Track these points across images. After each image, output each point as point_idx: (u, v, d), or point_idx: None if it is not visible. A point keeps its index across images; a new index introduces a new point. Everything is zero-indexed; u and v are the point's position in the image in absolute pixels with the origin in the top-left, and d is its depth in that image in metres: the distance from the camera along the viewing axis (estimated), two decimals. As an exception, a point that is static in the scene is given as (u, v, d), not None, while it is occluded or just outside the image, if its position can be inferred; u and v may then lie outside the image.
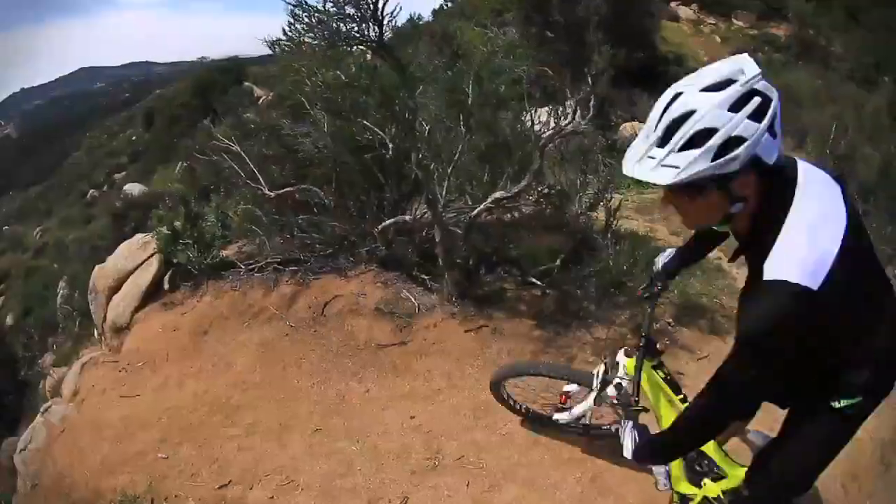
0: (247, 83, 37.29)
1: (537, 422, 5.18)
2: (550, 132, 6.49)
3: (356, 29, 5.90)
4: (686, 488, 3.68)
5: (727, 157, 2.16)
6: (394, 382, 6.18)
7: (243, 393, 6.26)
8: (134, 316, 8.16)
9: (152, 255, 8.47)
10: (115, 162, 55.05)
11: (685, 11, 30.28)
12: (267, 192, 7.75)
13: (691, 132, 2.19)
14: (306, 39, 6.03)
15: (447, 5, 28.99)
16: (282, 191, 7.76)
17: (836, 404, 2.62)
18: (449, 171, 6.84)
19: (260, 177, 7.83)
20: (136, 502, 5.28)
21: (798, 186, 2.34)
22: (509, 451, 5.17)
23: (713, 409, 2.57)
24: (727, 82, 2.19)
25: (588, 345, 6.31)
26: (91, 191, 48.27)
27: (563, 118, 6.60)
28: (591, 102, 6.48)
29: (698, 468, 3.66)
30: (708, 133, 2.16)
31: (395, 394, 6.03)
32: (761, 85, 2.19)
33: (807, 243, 2.22)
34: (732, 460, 3.57)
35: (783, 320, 2.20)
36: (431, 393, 5.97)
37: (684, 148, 2.20)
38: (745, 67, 2.21)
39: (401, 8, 5.98)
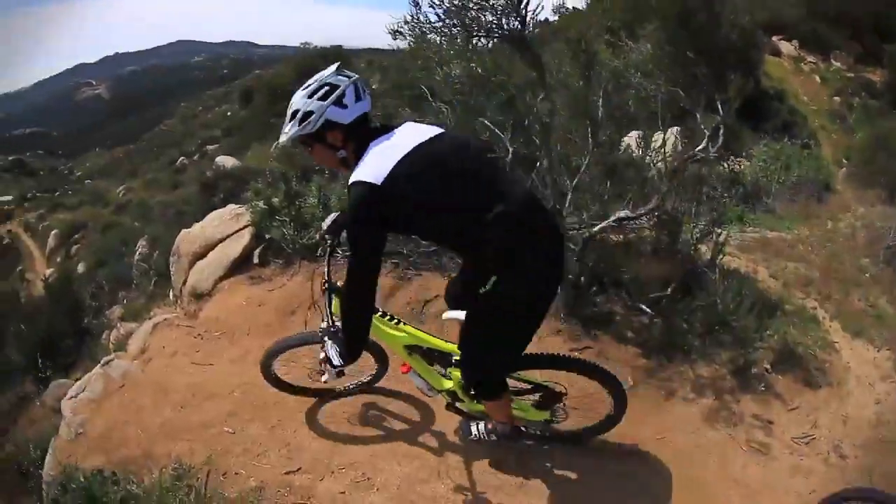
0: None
1: (322, 394, 5.66)
2: (683, 157, 6.38)
3: (495, 21, 5.83)
4: (444, 383, 4.75)
5: (304, 123, 3.61)
6: None
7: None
8: (217, 285, 8.15)
9: (245, 227, 8.47)
10: (208, 134, 56.30)
11: (786, 47, 29.33)
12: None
13: (289, 113, 3.67)
14: (439, 27, 6.15)
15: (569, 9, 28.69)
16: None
17: (483, 289, 3.66)
18: (573, 183, 6.63)
19: None
20: (191, 472, 5.19)
21: (387, 134, 3.63)
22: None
23: (358, 269, 3.64)
24: (316, 82, 3.64)
25: (688, 381, 6.11)
26: (181, 158, 49.19)
27: (692, 143, 6.60)
28: (721, 131, 6.37)
29: (437, 367, 4.73)
30: (294, 112, 3.63)
31: None
32: (333, 79, 3.62)
33: (372, 160, 3.49)
34: (445, 340, 4.63)
35: (359, 201, 3.46)
36: None
37: (288, 122, 3.67)
38: (326, 71, 3.67)
39: (542, 6, 5.86)
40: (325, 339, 4.21)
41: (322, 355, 4.27)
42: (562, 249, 3.82)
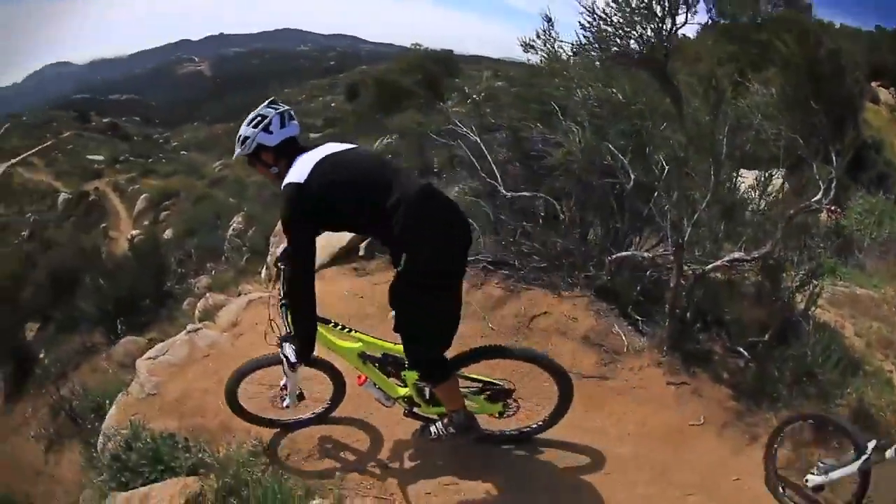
0: (457, 79, 37.62)
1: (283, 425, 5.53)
2: (798, 205, 6.31)
3: (639, 50, 5.93)
4: (400, 391, 4.98)
5: (243, 146, 4.38)
6: (585, 415, 5.84)
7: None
8: (319, 271, 7.87)
9: None
10: (309, 122, 57.05)
11: (885, 94, 28.15)
12: (503, 191, 7.63)
13: (236, 138, 4.44)
14: (576, 48, 6.39)
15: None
16: (518, 194, 7.63)
17: (399, 269, 4.17)
18: (693, 219, 6.52)
19: (498, 174, 7.75)
20: (266, 453, 5.25)
21: (311, 151, 4.31)
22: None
23: (296, 256, 4.28)
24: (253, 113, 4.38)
25: (772, 428, 5.77)
26: None
27: (804, 191, 6.60)
28: (833, 182, 6.22)
29: (391, 370, 4.92)
30: (238, 137, 4.40)
31: (586, 427, 5.73)
32: (264, 111, 4.35)
33: (297, 167, 4.18)
34: (392, 342, 4.84)
35: (289, 197, 4.12)
36: (621, 435, 5.77)
37: (236, 145, 4.45)
38: (262, 105, 4.42)
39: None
40: (283, 343, 4.66)
41: (283, 381, 4.93)
42: (460, 226, 4.31)
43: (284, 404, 4.95)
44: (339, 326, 4.94)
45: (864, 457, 4.22)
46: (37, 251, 40.91)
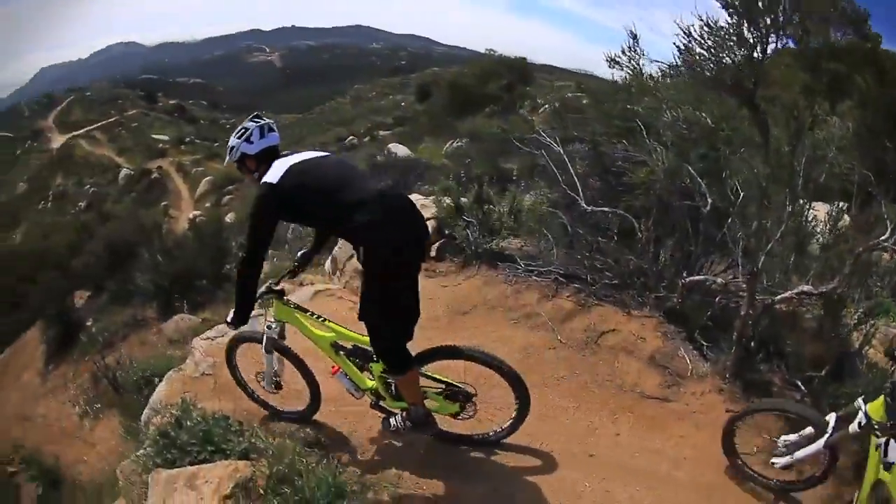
0: (530, 87, 37.47)
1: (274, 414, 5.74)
2: (869, 243, 6.22)
3: (731, 79, 6.12)
4: (368, 382, 5.23)
5: (230, 154, 4.99)
6: (645, 435, 5.94)
7: (490, 387, 5.75)
8: None
9: (428, 219, 8.31)
10: (378, 119, 57.44)
11: None
12: (583, 204, 7.60)
13: (226, 147, 5.06)
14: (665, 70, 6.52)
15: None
16: (598, 208, 7.62)
17: (360, 262, 4.58)
18: (766, 248, 6.49)
19: (579, 186, 7.72)
20: (321, 443, 5.33)
21: (286, 157, 4.83)
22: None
23: (251, 242, 4.78)
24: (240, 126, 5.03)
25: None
26: (350, 137, 50.02)
27: (872, 229, 6.51)
28: None
29: (360, 361, 5.19)
30: (227, 147, 5.03)
31: (644, 447, 5.79)
32: (247, 123, 4.94)
33: (273, 169, 4.66)
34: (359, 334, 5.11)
35: (262, 193, 4.63)
36: (678, 459, 5.73)
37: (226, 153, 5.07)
38: (246, 119, 5.04)
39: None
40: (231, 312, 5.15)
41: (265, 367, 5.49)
42: (415, 224, 4.67)
43: (263, 384, 5.55)
44: (316, 316, 5.32)
45: (828, 434, 4.46)
46: (94, 222, 41.74)
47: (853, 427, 4.27)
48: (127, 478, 5.40)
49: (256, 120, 4.98)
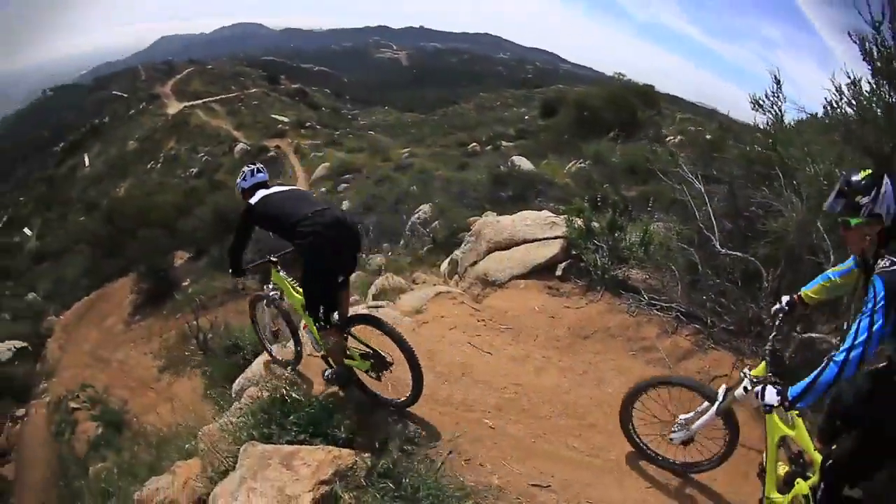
0: (655, 117, 36.93)
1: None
2: None
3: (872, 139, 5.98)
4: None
5: (237, 189, 6.57)
6: (742, 483, 5.53)
7: (603, 416, 5.92)
8: (512, 281, 8.24)
9: (558, 237, 8.44)
10: (500, 129, 57.29)
11: None
12: (717, 246, 7.52)
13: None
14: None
15: None
16: (732, 253, 7.46)
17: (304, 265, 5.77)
18: None
19: (716, 227, 7.67)
20: (432, 444, 5.31)
21: (267, 189, 6.20)
22: None
23: (236, 236, 6.38)
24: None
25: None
26: (473, 144, 50.16)
27: None
28: None
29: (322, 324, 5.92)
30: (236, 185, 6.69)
31: (737, 499, 5.44)
32: (244, 169, 6.47)
33: (255, 197, 6.04)
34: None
35: (243, 210, 6.11)
36: None
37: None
38: (245, 166, 6.62)
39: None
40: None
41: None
42: (351, 244, 5.92)
43: (266, 333, 7.25)
44: (293, 282, 6.46)
45: (718, 402, 4.78)
46: (203, 188, 42.83)
47: (739, 391, 4.59)
48: (212, 442, 5.52)
49: (251, 166, 6.59)
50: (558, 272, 8.15)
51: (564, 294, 7.87)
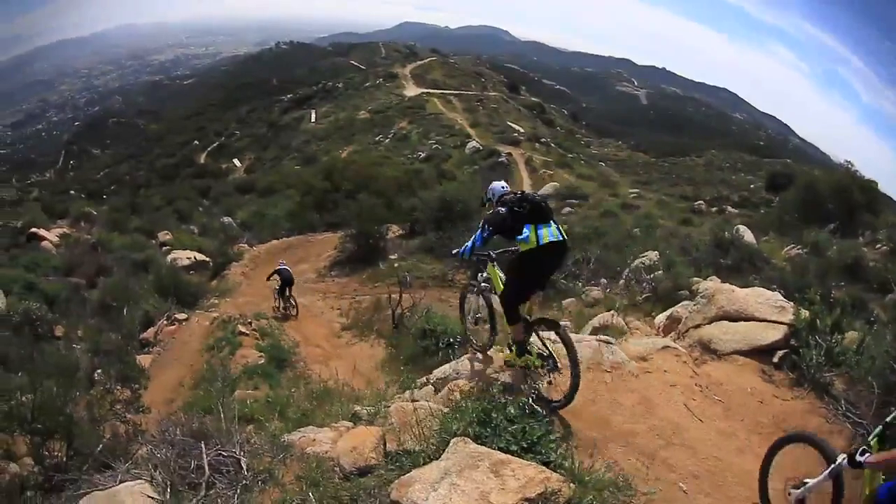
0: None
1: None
2: None
3: None
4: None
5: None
6: None
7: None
8: (731, 355, 7.92)
9: (783, 323, 8.06)
10: (726, 192, 55.79)
11: None
12: None
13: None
14: None
15: None
16: None
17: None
18: None
19: None
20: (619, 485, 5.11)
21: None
22: None
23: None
24: None
25: None
26: (699, 202, 48.93)
27: None
28: None
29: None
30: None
31: None
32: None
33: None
34: None
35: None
36: None
37: None
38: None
39: None
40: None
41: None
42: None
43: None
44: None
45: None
46: (429, 174, 43.99)
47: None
48: (404, 421, 5.62)
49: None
50: (775, 358, 7.83)
51: (775, 382, 7.58)
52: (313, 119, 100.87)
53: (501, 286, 7.08)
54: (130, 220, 35.33)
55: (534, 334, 6.74)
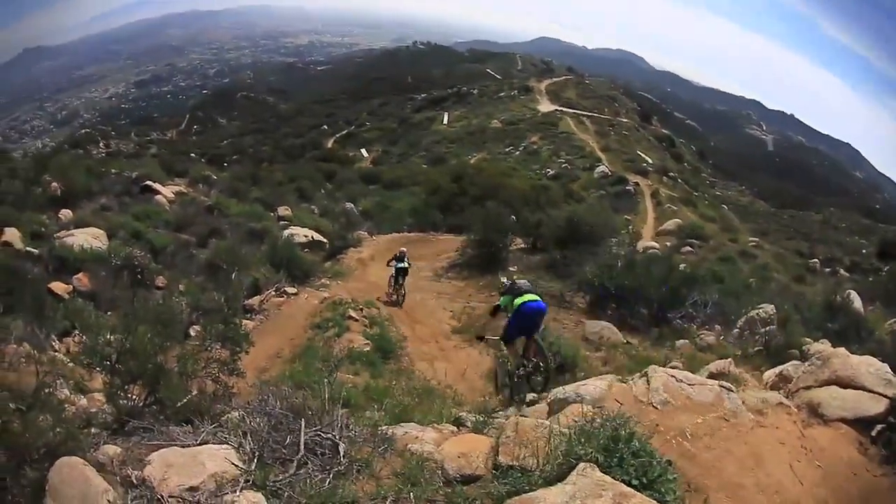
0: None
1: None
2: None
3: None
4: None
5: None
6: None
7: None
8: (836, 421, 7.69)
9: (887, 397, 7.74)
10: (839, 254, 54.14)
11: None
12: None
13: None
14: None
15: None
16: None
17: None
18: None
19: None
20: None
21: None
22: None
23: None
24: None
25: None
26: (814, 260, 47.28)
27: None
28: None
29: None
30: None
31: None
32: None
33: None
34: None
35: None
36: None
37: None
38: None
39: None
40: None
41: None
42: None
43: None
44: None
45: None
46: (556, 192, 45.11)
47: None
48: (522, 436, 5.43)
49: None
50: (874, 432, 7.61)
51: (869, 455, 7.35)
52: (446, 121, 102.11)
53: None
54: (251, 191, 35.81)
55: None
